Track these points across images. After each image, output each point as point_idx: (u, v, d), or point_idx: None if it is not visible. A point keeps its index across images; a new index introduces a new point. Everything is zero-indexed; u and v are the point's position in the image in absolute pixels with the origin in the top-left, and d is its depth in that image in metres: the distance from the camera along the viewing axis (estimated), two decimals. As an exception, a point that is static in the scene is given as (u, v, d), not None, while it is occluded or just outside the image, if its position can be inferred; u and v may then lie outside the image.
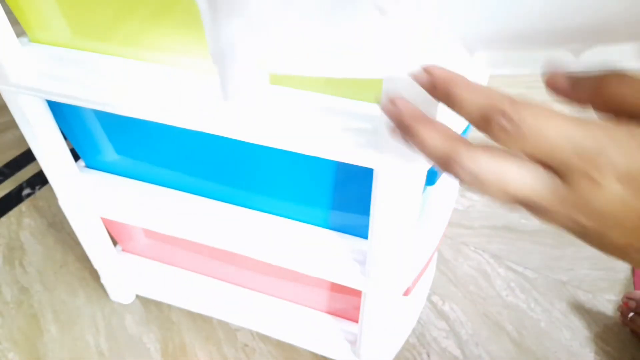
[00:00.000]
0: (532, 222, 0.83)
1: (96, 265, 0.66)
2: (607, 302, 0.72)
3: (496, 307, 0.71)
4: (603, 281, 0.75)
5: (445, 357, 0.66)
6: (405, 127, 0.22)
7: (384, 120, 0.26)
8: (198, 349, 0.66)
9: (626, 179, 0.18)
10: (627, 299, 0.69)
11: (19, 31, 0.41)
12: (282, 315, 0.63)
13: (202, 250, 0.61)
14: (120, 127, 0.48)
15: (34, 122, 0.46)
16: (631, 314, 0.68)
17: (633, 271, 0.77)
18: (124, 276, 0.68)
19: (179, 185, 0.52)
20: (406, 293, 0.50)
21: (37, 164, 0.90)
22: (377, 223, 0.39)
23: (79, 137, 0.51)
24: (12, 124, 1.01)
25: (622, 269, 0.77)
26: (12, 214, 0.83)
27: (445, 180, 0.55)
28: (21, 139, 0.97)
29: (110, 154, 0.53)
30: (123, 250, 0.69)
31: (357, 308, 0.53)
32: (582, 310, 0.71)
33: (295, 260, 0.48)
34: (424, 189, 0.38)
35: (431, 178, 0.37)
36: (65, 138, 0.51)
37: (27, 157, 0.94)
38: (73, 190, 0.54)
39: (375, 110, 0.35)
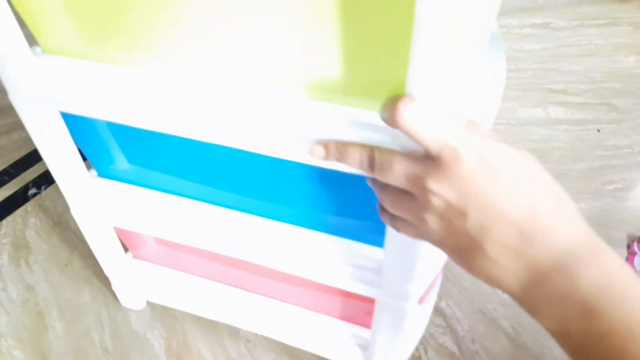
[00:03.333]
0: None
1: (107, 272, 0.66)
2: (602, 300, 0.74)
3: (492, 304, 0.73)
4: (597, 279, 0.77)
5: (442, 353, 0.67)
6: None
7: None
8: (201, 346, 0.67)
9: None
10: None
11: (32, 42, 0.40)
12: (293, 320, 0.63)
13: (213, 256, 0.60)
14: (132, 135, 0.48)
15: (46, 133, 0.46)
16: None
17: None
18: (135, 283, 0.68)
19: (191, 193, 0.52)
20: (421, 301, 0.49)
21: (43, 164, 0.92)
22: (393, 235, 0.38)
23: (91, 146, 0.51)
24: (18, 125, 1.03)
25: (616, 267, 0.79)
26: (18, 213, 0.85)
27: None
28: (27, 139, 0.99)
29: (122, 162, 0.53)
30: (134, 256, 0.69)
31: (369, 313, 0.52)
32: (576, 307, 0.73)
33: (309, 268, 0.48)
34: None
35: None
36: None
37: (33, 157, 0.95)
38: (85, 200, 0.54)
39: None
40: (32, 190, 0.89)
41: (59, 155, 0.49)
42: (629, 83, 1.21)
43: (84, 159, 0.51)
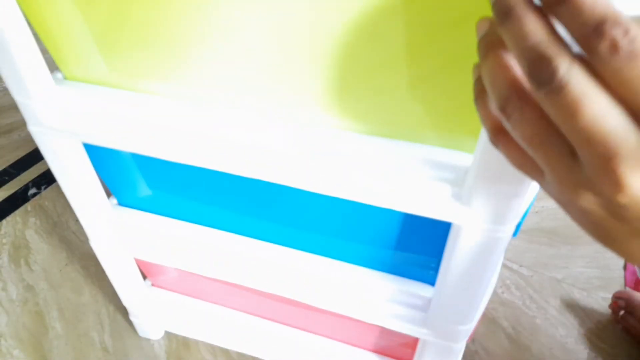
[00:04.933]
0: (527, 221, 0.85)
1: (125, 302, 0.63)
2: (602, 300, 0.74)
3: (492, 304, 0.73)
4: (597, 279, 0.77)
5: (443, 353, 0.67)
6: (506, 8, 0.18)
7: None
8: (201, 345, 0.67)
9: None
10: (616, 298, 0.70)
11: (52, 67, 0.38)
12: (320, 351, 0.59)
13: (239, 285, 0.55)
14: (154, 160, 0.44)
15: (67, 163, 0.43)
16: (622, 312, 0.69)
17: (625, 268, 0.78)
18: (153, 312, 0.65)
19: (220, 223, 0.48)
20: (469, 338, 0.46)
21: (43, 164, 0.92)
22: (451, 275, 0.35)
23: (112, 172, 0.48)
24: (18, 125, 1.03)
25: (616, 267, 0.79)
26: (18, 213, 0.85)
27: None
28: (27, 139, 0.99)
29: (143, 189, 0.49)
30: (153, 284, 0.66)
31: (403, 345, 0.50)
32: (576, 307, 0.73)
33: (346, 305, 0.44)
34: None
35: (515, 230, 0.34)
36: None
37: (33, 157, 0.95)
38: (106, 230, 0.51)
39: (461, 159, 0.31)
40: (32, 190, 0.89)
41: (80, 185, 0.46)
42: (629, 83, 1.21)
43: (103, 186, 0.48)
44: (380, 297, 0.43)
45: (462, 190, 0.30)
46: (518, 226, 0.34)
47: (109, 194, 0.50)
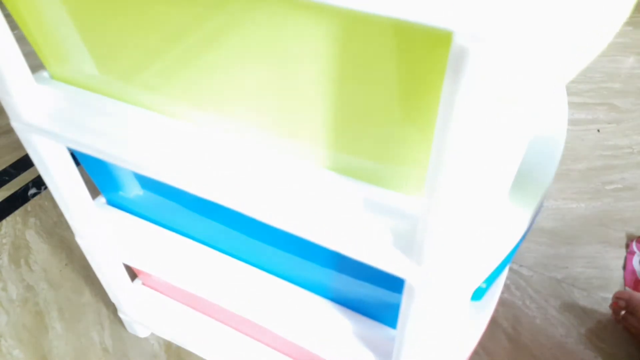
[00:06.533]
0: (528, 221, 0.85)
1: (114, 299, 0.63)
2: (602, 300, 0.74)
3: (492, 304, 0.73)
4: (597, 279, 0.77)
5: (443, 353, 0.67)
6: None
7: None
8: (201, 345, 0.67)
9: None
10: (617, 298, 0.70)
11: (38, 65, 0.38)
12: None
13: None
14: None
15: (48, 160, 0.42)
16: (622, 312, 0.69)
17: (624, 268, 0.78)
18: (142, 312, 0.64)
19: (207, 234, 0.48)
20: None
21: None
22: (410, 326, 0.32)
23: (101, 172, 0.47)
24: (17, 126, 1.03)
25: (616, 267, 0.79)
26: (18, 213, 0.85)
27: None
28: (26, 140, 0.99)
29: (135, 189, 0.48)
30: (143, 283, 0.65)
31: None
32: (576, 307, 0.73)
33: (311, 339, 0.42)
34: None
35: (478, 293, 0.31)
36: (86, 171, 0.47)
37: (33, 157, 0.95)
38: (92, 230, 0.51)
39: (413, 205, 0.28)
40: (32, 190, 0.89)
41: (62, 183, 0.45)
42: (629, 83, 1.21)
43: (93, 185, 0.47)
44: (346, 339, 0.40)
45: (412, 242, 0.26)
46: (482, 291, 0.30)
47: (98, 192, 0.50)
